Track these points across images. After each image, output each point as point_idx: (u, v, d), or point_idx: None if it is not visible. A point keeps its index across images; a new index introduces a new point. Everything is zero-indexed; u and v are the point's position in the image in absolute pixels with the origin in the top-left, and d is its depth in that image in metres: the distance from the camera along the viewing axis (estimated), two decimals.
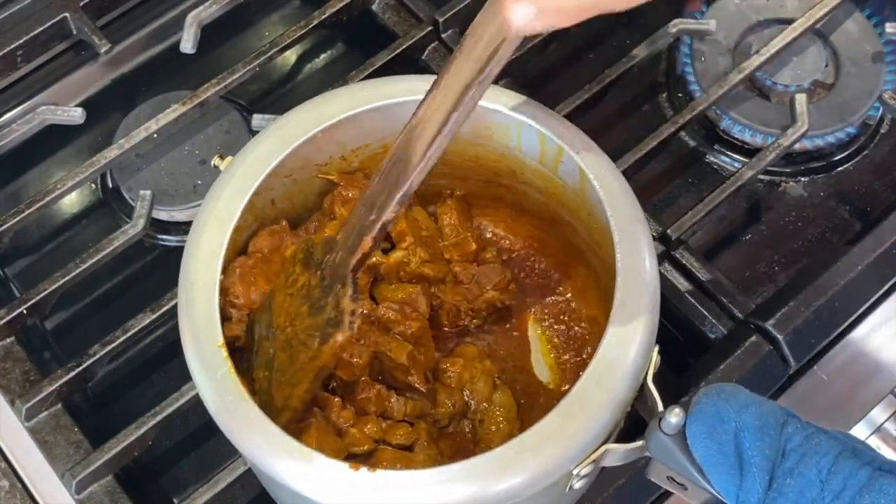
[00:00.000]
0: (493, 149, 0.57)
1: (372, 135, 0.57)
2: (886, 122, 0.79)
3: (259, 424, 0.47)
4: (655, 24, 0.77)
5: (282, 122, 0.55)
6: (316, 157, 0.56)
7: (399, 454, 0.53)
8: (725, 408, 0.45)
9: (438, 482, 0.45)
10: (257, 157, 0.54)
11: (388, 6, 0.81)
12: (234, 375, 0.48)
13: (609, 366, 0.47)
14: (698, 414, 0.46)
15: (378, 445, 0.53)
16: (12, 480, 0.64)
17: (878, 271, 0.68)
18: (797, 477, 0.43)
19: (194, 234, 0.52)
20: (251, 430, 0.47)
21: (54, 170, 0.80)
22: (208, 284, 0.51)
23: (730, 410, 0.45)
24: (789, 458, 0.44)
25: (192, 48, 0.77)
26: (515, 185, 0.60)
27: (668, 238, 0.69)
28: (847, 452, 0.44)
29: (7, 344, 0.67)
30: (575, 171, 0.53)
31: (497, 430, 0.56)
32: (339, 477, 0.45)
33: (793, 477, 0.43)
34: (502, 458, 0.45)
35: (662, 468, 0.47)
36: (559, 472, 0.46)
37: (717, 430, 0.45)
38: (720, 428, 0.45)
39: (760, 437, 0.44)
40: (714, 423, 0.45)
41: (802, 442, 0.44)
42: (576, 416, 0.46)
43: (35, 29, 0.78)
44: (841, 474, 0.43)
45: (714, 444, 0.45)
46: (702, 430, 0.45)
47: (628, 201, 0.52)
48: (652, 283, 0.50)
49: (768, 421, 0.45)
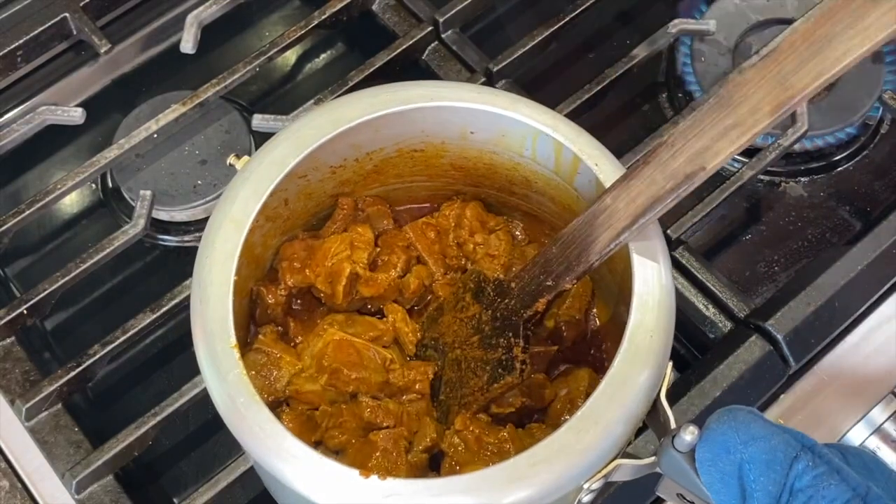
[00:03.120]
0: (507, 157, 0.57)
1: (388, 139, 0.57)
2: (886, 122, 0.79)
3: (269, 427, 0.47)
4: (655, 24, 0.77)
5: (299, 125, 0.55)
6: (331, 160, 0.56)
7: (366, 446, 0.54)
8: (733, 438, 0.44)
9: (449, 492, 0.45)
10: (274, 158, 0.54)
11: (388, 6, 0.81)
12: (246, 377, 0.48)
13: (623, 381, 0.47)
14: (706, 440, 0.45)
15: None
16: (12, 480, 0.64)
17: (878, 271, 0.68)
18: None
19: (209, 234, 0.52)
20: (261, 433, 0.47)
21: (54, 170, 0.80)
22: (223, 285, 0.50)
23: (737, 441, 0.44)
24: (796, 498, 0.43)
25: (192, 48, 0.77)
26: (529, 194, 0.59)
27: (669, 238, 0.69)
28: (857, 500, 0.42)
29: (7, 344, 0.67)
30: (591, 182, 0.53)
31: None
32: (349, 483, 0.45)
33: None
34: (513, 470, 0.45)
35: (672, 485, 0.47)
36: (570, 485, 0.46)
37: (721, 459, 0.44)
38: (725, 458, 0.44)
39: (765, 472, 0.43)
40: (719, 452, 0.44)
41: (811, 483, 0.43)
42: (588, 430, 0.46)
43: (35, 29, 0.79)
44: None
45: (717, 473, 0.44)
46: (708, 456, 0.44)
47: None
48: (668, 299, 0.49)
49: (776, 456, 0.44)
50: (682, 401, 0.63)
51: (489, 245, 0.60)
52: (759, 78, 0.47)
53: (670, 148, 0.48)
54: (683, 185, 0.48)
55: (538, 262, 0.53)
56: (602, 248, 0.50)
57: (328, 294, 0.57)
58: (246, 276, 0.54)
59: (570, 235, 0.51)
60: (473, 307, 0.56)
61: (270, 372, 0.55)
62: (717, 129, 0.48)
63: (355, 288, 0.57)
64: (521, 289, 0.54)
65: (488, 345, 0.55)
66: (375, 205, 0.60)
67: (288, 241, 0.58)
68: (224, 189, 0.54)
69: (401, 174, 0.60)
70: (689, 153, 0.48)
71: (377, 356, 0.56)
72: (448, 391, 0.56)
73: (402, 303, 0.59)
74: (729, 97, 0.48)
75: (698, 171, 0.47)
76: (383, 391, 0.56)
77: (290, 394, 0.55)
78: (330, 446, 0.53)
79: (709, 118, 0.48)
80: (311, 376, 0.55)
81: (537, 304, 0.53)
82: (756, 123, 0.47)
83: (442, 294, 0.59)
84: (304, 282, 0.57)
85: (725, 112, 0.48)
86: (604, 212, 0.50)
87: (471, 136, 0.57)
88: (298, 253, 0.57)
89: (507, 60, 0.76)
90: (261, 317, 0.57)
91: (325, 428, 0.54)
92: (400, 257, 0.59)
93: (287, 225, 0.58)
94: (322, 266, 0.57)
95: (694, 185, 0.48)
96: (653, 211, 0.48)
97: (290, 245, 0.58)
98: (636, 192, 0.49)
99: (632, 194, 0.49)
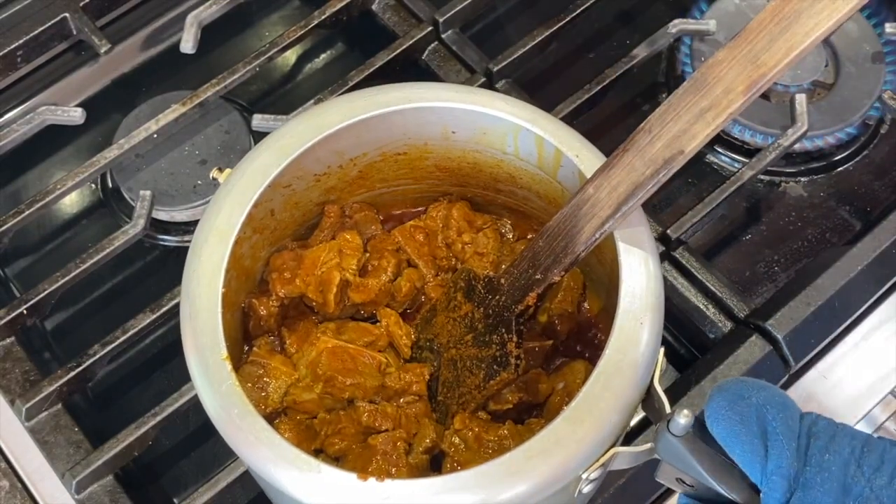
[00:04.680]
0: (490, 155, 0.57)
1: (370, 143, 0.57)
2: (886, 122, 0.79)
3: (265, 437, 0.47)
4: (655, 24, 0.77)
5: (280, 134, 0.55)
6: (314, 168, 0.56)
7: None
8: (745, 388, 0.45)
9: (448, 490, 0.45)
10: (256, 168, 0.54)
11: (388, 6, 0.81)
12: (239, 388, 0.48)
13: (616, 369, 0.47)
14: (718, 392, 0.45)
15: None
16: (12, 480, 0.64)
17: (877, 271, 0.68)
18: (833, 454, 0.43)
19: (195, 247, 0.52)
20: (258, 443, 0.47)
21: (54, 170, 0.80)
22: (211, 297, 0.50)
23: (751, 389, 0.45)
24: (820, 437, 0.43)
25: (192, 48, 0.77)
26: (515, 190, 0.59)
27: (668, 238, 0.69)
28: (875, 436, 0.44)
29: (7, 344, 0.67)
30: (574, 174, 0.53)
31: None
32: (347, 488, 0.45)
33: (830, 453, 0.43)
34: (511, 464, 0.45)
35: (671, 470, 0.47)
36: (569, 476, 0.46)
37: (738, 404, 0.44)
38: (742, 403, 0.44)
39: (784, 410, 0.44)
40: (735, 399, 0.44)
41: (829, 425, 0.44)
42: (584, 420, 0.46)
43: (35, 29, 0.79)
44: (876, 451, 0.43)
45: (736, 416, 0.44)
46: (723, 405, 0.45)
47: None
48: (656, 286, 0.50)
49: (789, 402, 0.45)
50: (682, 401, 0.63)
51: (478, 244, 0.60)
52: (731, 58, 0.47)
53: (648, 134, 0.48)
54: (663, 171, 0.48)
55: (526, 256, 0.53)
56: (587, 238, 0.50)
57: (320, 302, 0.57)
58: (237, 289, 0.54)
59: (555, 228, 0.51)
60: (465, 306, 0.56)
61: (267, 383, 0.55)
62: (692, 112, 0.48)
63: (346, 295, 0.58)
64: (511, 284, 0.54)
65: (482, 342, 0.55)
66: (362, 211, 0.61)
67: (277, 252, 0.58)
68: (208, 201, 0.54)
69: (386, 178, 0.60)
70: (667, 138, 0.48)
71: (372, 361, 0.56)
72: (445, 391, 0.56)
73: (394, 307, 0.59)
74: (703, 79, 0.48)
75: (677, 156, 0.47)
76: (380, 395, 0.56)
77: (288, 404, 0.55)
78: (330, 453, 0.53)
79: (684, 102, 0.48)
80: (307, 385, 0.55)
81: (528, 299, 0.53)
82: (730, 103, 0.47)
83: (434, 296, 0.59)
84: (295, 292, 0.57)
85: (700, 94, 0.48)
86: (587, 202, 0.50)
87: (453, 136, 0.57)
88: (288, 263, 0.57)
89: (507, 60, 0.76)
90: (254, 329, 0.57)
91: (325, 435, 0.54)
92: (390, 261, 0.59)
93: (275, 236, 0.58)
94: (312, 275, 0.57)
95: (673, 169, 0.48)
96: (635, 198, 0.48)
97: (280, 255, 0.58)
98: (617, 180, 0.49)
99: (613, 182, 0.49)
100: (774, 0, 0.47)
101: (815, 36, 0.46)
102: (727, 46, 0.48)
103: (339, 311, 0.58)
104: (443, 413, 0.55)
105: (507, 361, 0.53)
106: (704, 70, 0.48)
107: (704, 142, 0.48)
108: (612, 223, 0.49)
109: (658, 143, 0.48)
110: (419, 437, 0.54)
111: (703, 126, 0.48)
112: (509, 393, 0.55)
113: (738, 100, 0.47)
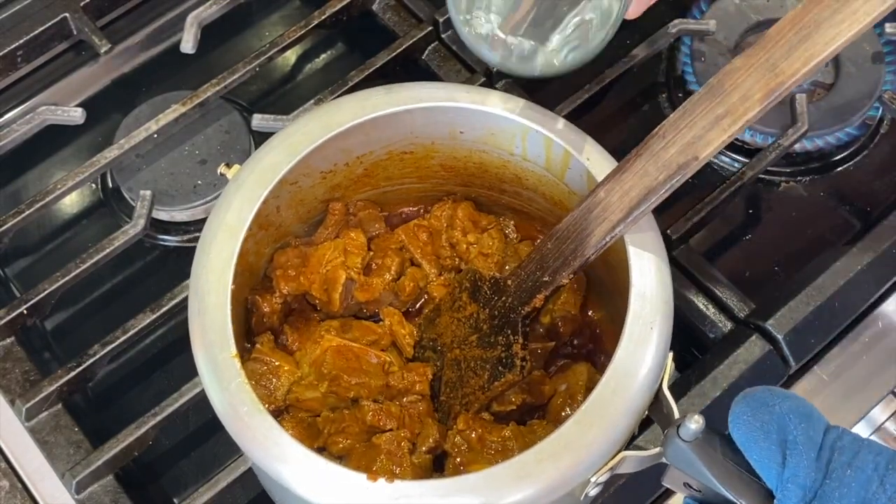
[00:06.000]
0: (497, 155, 0.57)
1: (378, 142, 0.57)
2: (886, 122, 0.79)
3: (274, 435, 0.47)
4: (655, 24, 0.77)
5: (289, 131, 0.55)
6: (322, 165, 0.56)
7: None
8: (770, 396, 0.45)
9: (457, 492, 0.45)
10: (266, 166, 0.54)
11: (388, 6, 0.81)
12: (248, 386, 0.48)
13: (625, 374, 0.47)
14: (744, 398, 0.45)
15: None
16: (12, 480, 0.64)
17: (878, 271, 0.68)
18: (856, 469, 0.42)
19: (204, 244, 0.52)
20: (266, 441, 0.47)
21: (54, 170, 0.80)
22: (220, 294, 0.50)
23: (776, 398, 0.45)
24: (844, 452, 0.43)
25: (193, 48, 0.77)
26: (520, 191, 0.59)
27: (669, 238, 0.69)
28: None
29: (7, 344, 0.67)
30: (582, 176, 0.53)
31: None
32: (356, 488, 0.45)
33: (852, 469, 0.42)
34: (521, 467, 0.45)
35: (678, 474, 0.47)
36: (577, 480, 0.46)
37: (761, 411, 0.44)
38: (765, 410, 0.44)
39: (807, 421, 0.44)
40: (759, 406, 0.44)
41: (854, 441, 0.44)
42: (593, 424, 0.46)
43: (35, 29, 0.79)
44: None
45: (757, 422, 0.44)
46: (746, 410, 0.45)
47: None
48: (665, 291, 0.49)
49: (814, 413, 0.44)
50: (683, 401, 0.63)
51: (482, 244, 0.60)
52: (748, 66, 0.47)
53: (662, 139, 0.48)
54: (676, 176, 0.48)
55: (534, 258, 0.53)
56: (598, 242, 0.50)
57: (324, 301, 0.57)
58: (241, 285, 0.54)
59: (564, 230, 0.51)
60: (470, 306, 0.56)
61: (270, 381, 0.55)
62: (708, 119, 0.48)
63: (351, 293, 0.57)
64: (518, 286, 0.54)
65: (487, 343, 0.55)
66: (366, 209, 0.61)
67: (281, 249, 0.58)
68: (217, 197, 0.54)
69: (391, 177, 0.60)
70: (682, 143, 0.48)
71: (376, 360, 0.56)
72: (448, 391, 0.56)
73: (397, 306, 0.59)
74: (720, 86, 0.48)
75: (691, 161, 0.47)
76: (384, 394, 0.56)
77: (291, 402, 0.55)
78: (333, 452, 0.53)
79: (700, 108, 0.48)
80: (311, 384, 0.55)
81: (535, 301, 0.53)
82: (747, 111, 0.47)
83: (437, 295, 0.59)
84: (298, 289, 0.57)
85: (717, 101, 0.48)
86: (598, 205, 0.50)
87: (460, 135, 0.57)
88: (292, 260, 0.57)
89: None
90: (257, 325, 0.57)
91: (328, 434, 0.54)
92: (393, 260, 0.59)
93: (279, 232, 0.58)
94: (317, 273, 0.57)
95: (687, 175, 0.48)
96: (647, 202, 0.48)
97: (284, 252, 0.57)
98: (629, 184, 0.49)
99: (625, 187, 0.49)
100: (793, 9, 0.47)
101: (835, 46, 0.46)
102: (744, 54, 0.47)
103: (343, 309, 0.58)
104: (445, 413, 0.55)
105: (512, 363, 0.53)
106: (721, 77, 0.48)
107: (720, 148, 0.48)
108: (623, 227, 0.49)
109: (672, 149, 0.48)
110: (422, 436, 0.54)
111: (718, 133, 0.47)
112: (513, 394, 0.55)
113: (755, 107, 0.47)
